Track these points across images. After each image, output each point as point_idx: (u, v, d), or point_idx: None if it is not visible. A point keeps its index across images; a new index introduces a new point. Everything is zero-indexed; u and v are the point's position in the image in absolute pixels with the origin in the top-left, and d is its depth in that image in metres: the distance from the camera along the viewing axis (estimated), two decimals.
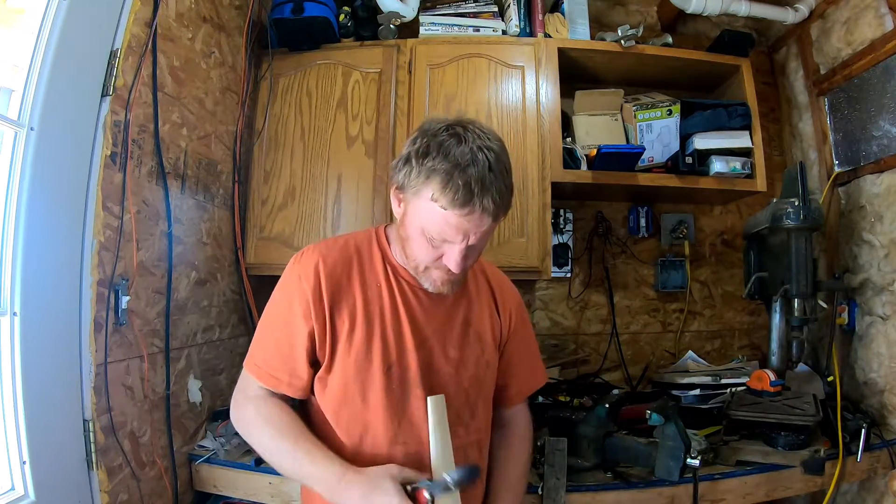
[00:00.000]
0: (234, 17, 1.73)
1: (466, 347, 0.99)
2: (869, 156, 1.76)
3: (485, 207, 0.81)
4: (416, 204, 0.86)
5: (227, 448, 1.45)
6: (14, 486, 0.97)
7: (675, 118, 1.92)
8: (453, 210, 0.81)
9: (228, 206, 1.73)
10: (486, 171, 0.81)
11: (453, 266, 0.87)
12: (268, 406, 0.94)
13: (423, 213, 0.85)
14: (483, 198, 0.81)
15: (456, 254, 0.86)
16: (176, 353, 1.39)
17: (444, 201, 0.81)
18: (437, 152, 0.82)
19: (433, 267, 0.90)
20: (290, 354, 0.94)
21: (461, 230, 0.83)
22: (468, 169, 0.80)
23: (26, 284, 0.97)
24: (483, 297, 1.06)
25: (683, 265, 2.12)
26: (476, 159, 0.81)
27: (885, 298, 1.67)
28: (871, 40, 1.70)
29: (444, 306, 0.99)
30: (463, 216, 0.82)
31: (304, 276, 0.93)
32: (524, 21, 1.90)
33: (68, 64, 1.05)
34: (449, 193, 0.80)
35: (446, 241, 0.86)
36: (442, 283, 0.92)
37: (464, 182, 0.79)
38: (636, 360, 2.13)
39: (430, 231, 0.85)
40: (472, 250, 0.88)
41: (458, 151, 0.81)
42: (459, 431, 0.96)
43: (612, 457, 1.35)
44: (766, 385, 1.52)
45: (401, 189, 0.89)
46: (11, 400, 0.96)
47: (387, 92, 1.81)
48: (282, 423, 0.91)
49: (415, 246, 0.89)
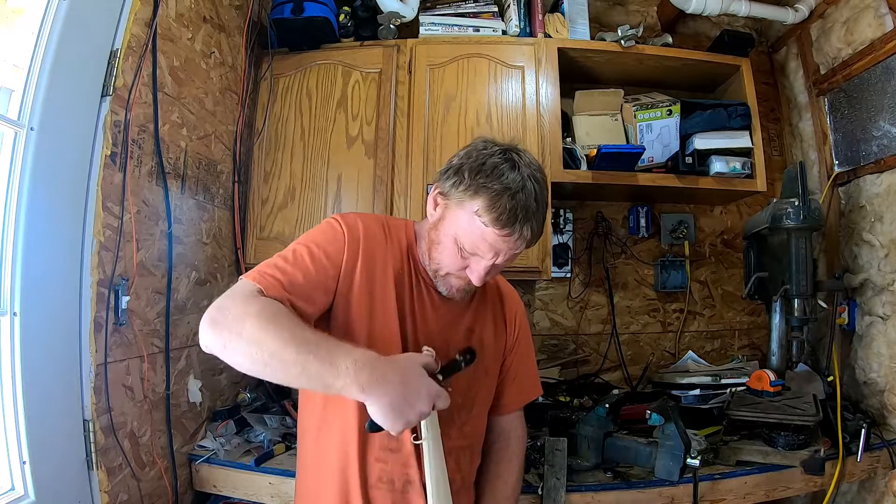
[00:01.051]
0: (234, 17, 1.73)
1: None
2: (869, 156, 1.76)
3: (523, 234, 0.86)
4: (458, 214, 0.89)
5: (227, 448, 1.45)
6: (14, 486, 0.97)
7: (675, 118, 1.92)
8: (494, 228, 0.85)
9: (228, 206, 1.73)
10: (532, 200, 0.86)
11: (476, 279, 0.91)
12: (268, 302, 0.79)
13: (463, 224, 0.88)
14: (524, 224, 0.86)
15: (481, 269, 0.90)
16: (176, 353, 1.39)
17: (487, 218, 0.85)
18: (492, 172, 0.86)
19: (455, 275, 0.93)
20: (310, 280, 0.86)
21: (494, 248, 0.87)
22: (517, 195, 0.85)
23: (26, 284, 0.97)
24: (490, 306, 1.08)
25: (683, 265, 2.12)
26: (525, 187, 0.86)
27: (885, 298, 1.67)
28: (871, 40, 1.70)
29: (452, 308, 1.01)
30: (501, 236, 0.86)
31: (350, 228, 0.93)
32: (524, 21, 1.90)
33: (68, 64, 1.05)
34: (494, 212, 0.84)
35: (476, 255, 0.89)
36: (457, 290, 0.95)
37: (511, 206, 0.84)
38: (636, 360, 2.13)
39: (463, 242, 0.89)
40: (496, 268, 0.91)
41: (512, 177, 0.86)
42: (452, 433, 0.96)
43: (612, 457, 1.35)
44: (766, 385, 1.52)
45: (445, 196, 0.92)
46: (11, 400, 0.96)
47: (387, 92, 1.81)
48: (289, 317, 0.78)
49: (444, 252, 0.92)
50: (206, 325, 0.77)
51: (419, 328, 0.96)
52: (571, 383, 1.92)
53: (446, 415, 0.92)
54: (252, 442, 1.50)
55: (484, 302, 1.07)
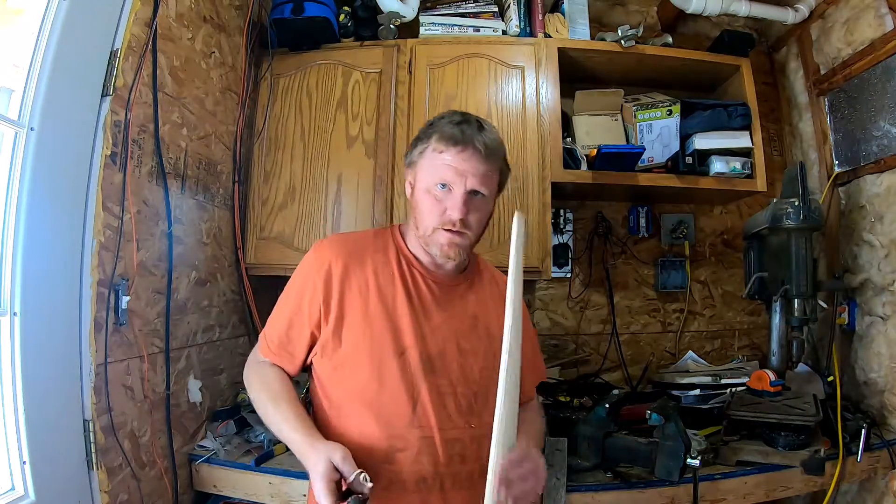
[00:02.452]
0: (234, 17, 1.73)
1: (476, 340, 1.01)
2: (869, 156, 1.76)
3: (476, 146, 0.93)
4: (422, 164, 0.98)
5: (227, 448, 1.45)
6: (14, 486, 0.97)
7: (675, 118, 1.92)
8: (448, 149, 0.94)
9: (228, 206, 1.73)
10: (476, 126, 0.96)
11: (454, 211, 0.93)
12: (268, 372, 1.02)
13: (427, 167, 0.96)
14: (476, 136, 0.94)
15: (457, 198, 0.94)
16: (176, 353, 1.39)
17: (441, 145, 0.94)
18: (437, 120, 0.98)
19: (440, 227, 0.96)
20: (292, 338, 1.00)
21: (459, 171, 0.93)
22: (461, 124, 0.95)
23: (26, 284, 0.97)
24: (489, 293, 1.09)
25: (683, 265, 2.12)
26: (468, 119, 0.97)
27: (885, 298, 1.67)
28: (871, 40, 1.70)
29: (455, 299, 1.03)
30: (458, 153, 0.93)
31: (319, 261, 1.00)
32: (524, 21, 1.90)
33: (68, 64, 1.05)
34: (445, 137, 0.94)
35: (448, 189, 0.94)
36: (449, 245, 0.96)
37: (458, 128, 0.94)
38: (636, 360, 2.12)
39: (432, 181, 0.95)
40: (474, 203, 0.96)
41: (454, 116, 0.98)
42: (473, 422, 0.96)
43: (612, 457, 1.35)
44: (766, 385, 1.52)
45: (410, 165, 1.01)
46: (11, 400, 0.96)
47: (387, 92, 1.81)
48: (275, 389, 0.98)
49: (423, 208, 0.97)
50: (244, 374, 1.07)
51: (427, 322, 0.98)
52: (571, 383, 1.92)
53: (465, 404, 0.95)
54: (252, 442, 1.50)
55: (482, 290, 1.09)
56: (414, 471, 0.92)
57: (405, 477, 0.92)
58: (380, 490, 0.90)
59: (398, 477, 0.92)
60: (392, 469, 0.92)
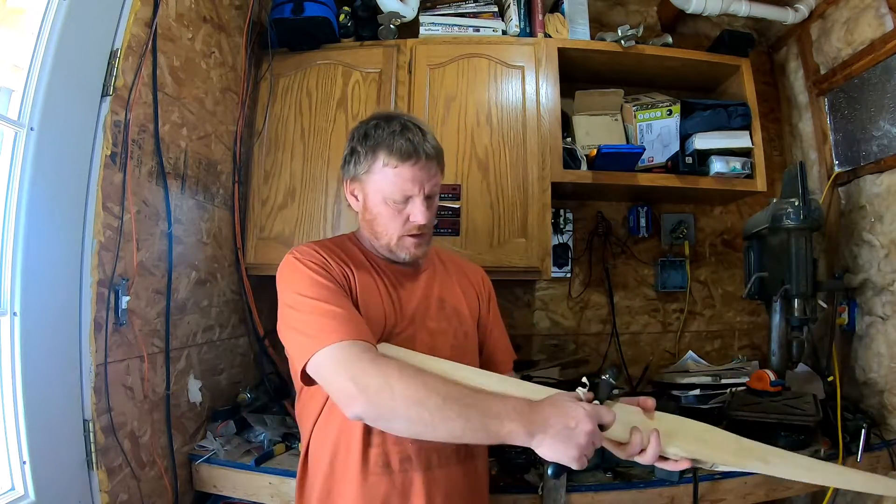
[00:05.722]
0: (234, 17, 1.73)
1: (443, 320, 1.06)
2: (869, 156, 1.76)
3: (428, 155, 0.97)
4: (372, 179, 0.98)
5: (227, 448, 1.45)
6: (14, 486, 0.97)
7: (675, 118, 1.92)
8: (403, 164, 0.95)
9: (228, 206, 1.73)
10: (418, 132, 0.98)
11: (420, 217, 0.97)
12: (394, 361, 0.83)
13: (380, 181, 0.97)
14: (423, 147, 0.96)
15: (419, 207, 0.97)
16: (176, 353, 1.39)
17: (394, 161, 0.95)
18: (374, 132, 0.98)
19: (404, 234, 1.00)
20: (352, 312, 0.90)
21: (416, 181, 0.96)
22: (404, 132, 0.96)
23: (26, 284, 0.97)
24: (451, 275, 1.14)
25: (683, 265, 2.12)
26: (406, 126, 0.98)
27: (885, 298, 1.67)
28: (871, 40, 1.70)
29: (419, 285, 1.07)
30: (412, 166, 0.96)
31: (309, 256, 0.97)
32: (524, 21, 1.90)
33: (68, 64, 1.05)
34: (396, 153, 0.95)
35: (407, 199, 0.97)
36: (416, 247, 1.02)
37: (404, 140, 0.95)
38: (636, 361, 2.12)
39: (391, 195, 0.97)
40: (430, 204, 1.00)
41: (391, 125, 0.97)
42: None
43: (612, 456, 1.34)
44: (766, 385, 1.52)
45: (355, 179, 1.02)
46: (11, 400, 0.96)
47: (387, 92, 1.80)
48: (418, 369, 0.82)
49: (383, 220, 1.00)
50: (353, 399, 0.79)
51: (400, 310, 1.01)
52: (571, 384, 1.91)
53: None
54: (252, 442, 1.50)
55: (447, 275, 1.13)
56: (398, 450, 0.94)
57: (390, 458, 0.94)
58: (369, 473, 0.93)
59: (384, 459, 0.94)
60: (377, 452, 0.94)
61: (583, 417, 0.75)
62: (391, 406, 0.77)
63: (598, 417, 0.77)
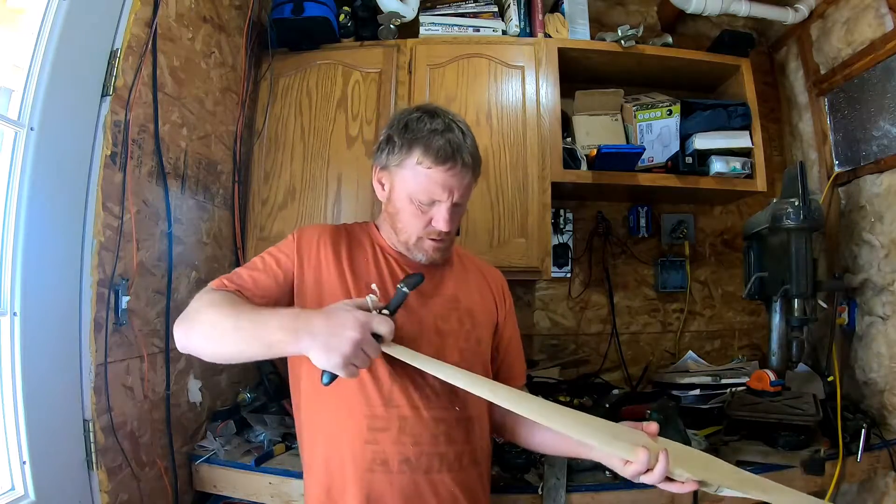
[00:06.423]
0: (234, 17, 1.73)
1: (455, 322, 1.02)
2: (869, 156, 1.76)
3: (465, 162, 0.93)
4: (402, 174, 0.95)
5: (227, 448, 1.45)
6: (14, 486, 0.97)
7: (675, 118, 1.92)
8: (437, 167, 0.91)
9: (228, 206, 1.73)
10: (460, 135, 0.94)
11: (442, 224, 0.94)
12: (219, 293, 0.90)
13: (410, 179, 0.94)
14: (462, 154, 0.92)
15: (444, 212, 0.94)
16: (176, 353, 1.39)
17: (428, 161, 0.91)
18: (416, 125, 0.94)
19: (424, 236, 0.97)
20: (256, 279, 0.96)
21: (447, 187, 0.92)
22: (445, 133, 0.92)
23: (26, 284, 0.97)
24: (472, 278, 1.10)
25: (683, 265, 2.12)
26: (450, 127, 0.94)
27: (885, 298, 1.67)
28: (871, 40, 1.70)
29: (431, 283, 1.00)
30: (446, 171, 0.91)
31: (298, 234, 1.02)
32: (524, 21, 1.90)
33: (68, 64, 1.05)
34: (432, 153, 0.91)
35: (434, 202, 0.94)
36: (434, 251, 0.99)
37: (444, 142, 0.91)
38: (636, 361, 2.12)
39: (417, 194, 0.93)
40: (456, 210, 0.96)
41: (434, 122, 0.94)
42: (457, 404, 0.96)
43: None
44: (766, 385, 1.52)
45: (385, 168, 0.98)
46: (11, 400, 0.96)
47: (387, 92, 1.81)
48: (235, 300, 0.89)
49: (405, 217, 0.97)
50: (175, 326, 0.88)
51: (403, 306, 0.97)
52: (571, 383, 1.92)
53: (446, 388, 0.93)
54: (252, 442, 1.50)
55: (465, 275, 1.09)
56: (397, 451, 0.92)
57: (388, 457, 0.92)
58: (364, 470, 0.91)
59: (382, 457, 0.92)
60: (375, 449, 0.92)
61: (351, 324, 0.75)
62: (196, 326, 0.86)
63: (370, 326, 0.76)
